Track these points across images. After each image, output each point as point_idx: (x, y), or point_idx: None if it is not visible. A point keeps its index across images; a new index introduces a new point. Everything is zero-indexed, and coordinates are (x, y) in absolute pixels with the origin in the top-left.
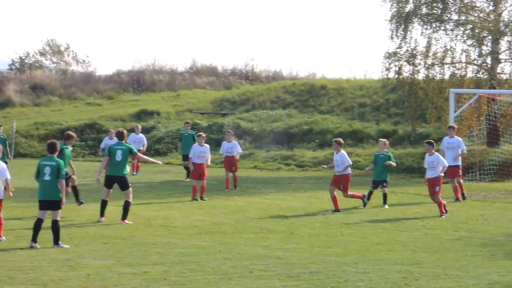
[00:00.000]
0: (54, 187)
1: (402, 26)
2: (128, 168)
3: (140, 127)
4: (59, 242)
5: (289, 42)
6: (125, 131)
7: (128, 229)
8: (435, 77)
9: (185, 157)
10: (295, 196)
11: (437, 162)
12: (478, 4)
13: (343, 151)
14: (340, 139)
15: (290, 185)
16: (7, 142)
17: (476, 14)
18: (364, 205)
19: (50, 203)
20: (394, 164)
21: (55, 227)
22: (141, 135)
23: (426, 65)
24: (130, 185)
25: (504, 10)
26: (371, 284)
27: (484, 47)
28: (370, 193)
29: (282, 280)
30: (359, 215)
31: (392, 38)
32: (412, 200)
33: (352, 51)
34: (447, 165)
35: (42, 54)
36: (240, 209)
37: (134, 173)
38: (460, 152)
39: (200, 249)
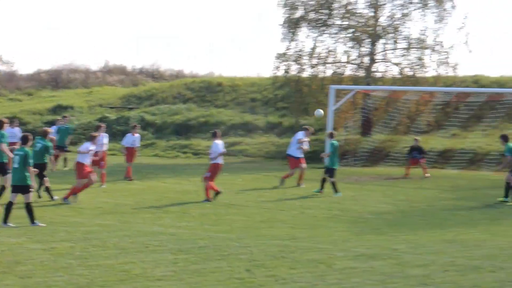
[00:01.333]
0: (23, 173)
1: (292, 30)
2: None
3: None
4: (35, 221)
5: (191, 43)
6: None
7: (38, 210)
8: (318, 75)
9: (60, 148)
10: (189, 181)
11: None
12: (360, 11)
13: (215, 141)
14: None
15: (186, 171)
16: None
17: (357, 19)
18: (207, 201)
19: (20, 188)
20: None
21: (29, 208)
22: (16, 128)
23: (311, 65)
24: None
25: (381, 16)
26: (252, 256)
27: (362, 49)
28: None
29: (174, 254)
30: (245, 197)
31: (283, 40)
32: (292, 183)
33: (247, 52)
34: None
35: None
36: (139, 192)
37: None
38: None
39: (103, 228)
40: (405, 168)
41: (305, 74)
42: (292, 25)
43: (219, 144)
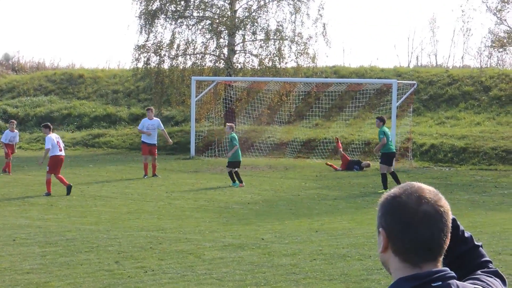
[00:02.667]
0: None
1: (150, 22)
2: None
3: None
4: None
5: (51, 35)
6: None
7: None
8: (178, 66)
9: None
10: None
11: None
12: (216, 2)
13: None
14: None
15: None
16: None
17: (214, 11)
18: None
19: None
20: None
21: None
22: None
23: (171, 56)
24: None
25: (239, 8)
26: (120, 248)
27: (221, 40)
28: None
29: (42, 247)
30: (112, 188)
31: (141, 32)
32: (159, 174)
33: (107, 44)
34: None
35: None
36: (5, 184)
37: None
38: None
39: None
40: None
41: (165, 66)
42: (149, 16)
43: (53, 137)
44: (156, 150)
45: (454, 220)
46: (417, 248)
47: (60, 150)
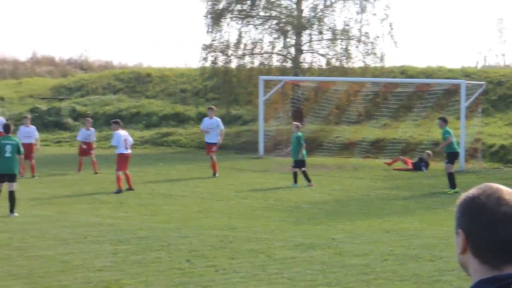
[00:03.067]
0: (14, 162)
1: (216, 21)
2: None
3: (29, 117)
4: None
5: (119, 34)
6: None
7: None
8: (245, 66)
9: None
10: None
11: None
12: (282, 2)
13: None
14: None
15: None
16: None
17: (280, 10)
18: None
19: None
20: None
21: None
22: (32, 127)
23: (238, 56)
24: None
25: (305, 7)
26: (191, 247)
27: (288, 40)
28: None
29: (113, 245)
30: (182, 187)
31: (208, 31)
32: (227, 174)
33: (175, 43)
34: None
35: None
36: (76, 182)
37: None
38: (220, 131)
39: (41, 218)
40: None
41: (232, 65)
42: (216, 16)
43: (121, 134)
44: (215, 148)
45: None
46: (497, 249)
47: (126, 148)
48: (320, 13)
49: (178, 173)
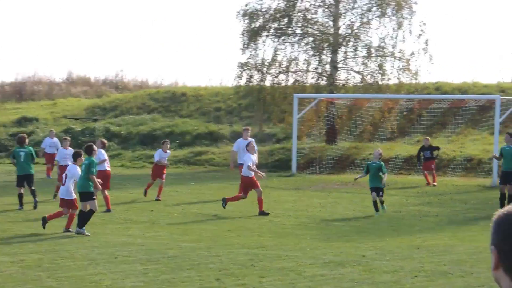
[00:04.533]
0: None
1: (253, 39)
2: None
3: (54, 131)
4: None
5: (154, 54)
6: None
7: (6, 223)
8: (280, 84)
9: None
10: (156, 191)
11: None
12: (319, 20)
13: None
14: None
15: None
16: None
17: (316, 27)
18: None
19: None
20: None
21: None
22: (55, 139)
23: (273, 74)
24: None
25: (342, 25)
26: (221, 265)
27: (324, 57)
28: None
29: (143, 264)
30: (213, 205)
31: (243, 49)
32: None
33: (209, 62)
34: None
35: None
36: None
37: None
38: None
39: (71, 239)
40: (424, 176)
41: (267, 83)
42: (252, 34)
43: (102, 152)
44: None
45: None
46: None
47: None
48: (357, 30)
49: (210, 192)
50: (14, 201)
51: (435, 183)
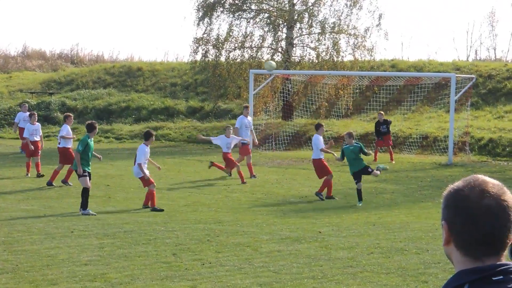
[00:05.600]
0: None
1: (207, 14)
2: None
3: (27, 105)
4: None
5: (110, 28)
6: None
7: None
8: (236, 60)
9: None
10: (113, 165)
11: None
12: None
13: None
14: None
15: (109, 155)
16: None
17: (272, 4)
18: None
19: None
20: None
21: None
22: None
23: (228, 49)
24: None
25: (297, 1)
26: (178, 240)
27: (279, 33)
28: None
29: (100, 239)
30: (168, 180)
31: (198, 25)
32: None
33: (166, 36)
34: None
35: None
36: (63, 177)
37: None
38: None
39: (27, 213)
40: (374, 153)
41: (222, 59)
42: (207, 9)
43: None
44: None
45: None
46: (478, 242)
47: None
48: (311, 7)
49: (166, 167)
50: None
51: (392, 161)
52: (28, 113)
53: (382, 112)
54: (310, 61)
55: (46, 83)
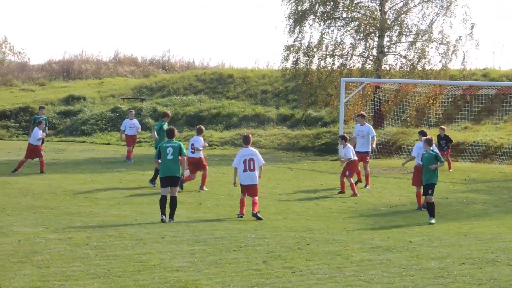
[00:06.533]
0: (176, 165)
1: (299, 22)
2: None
3: (133, 112)
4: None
5: (201, 35)
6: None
7: (55, 200)
8: (326, 67)
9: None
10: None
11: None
12: (365, 4)
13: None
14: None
15: None
16: None
17: (363, 12)
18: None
19: (171, 179)
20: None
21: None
22: (135, 120)
23: (319, 57)
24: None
25: (389, 9)
26: (268, 248)
27: (370, 41)
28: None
29: (191, 245)
30: (260, 188)
31: (290, 33)
32: (306, 175)
33: (256, 44)
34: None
35: None
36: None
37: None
38: (371, 138)
39: (119, 218)
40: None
41: (313, 66)
42: (298, 17)
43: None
44: (368, 157)
45: None
46: None
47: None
48: (403, 15)
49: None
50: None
51: (451, 170)
52: (135, 120)
53: (443, 127)
54: (401, 69)
55: (138, 89)
